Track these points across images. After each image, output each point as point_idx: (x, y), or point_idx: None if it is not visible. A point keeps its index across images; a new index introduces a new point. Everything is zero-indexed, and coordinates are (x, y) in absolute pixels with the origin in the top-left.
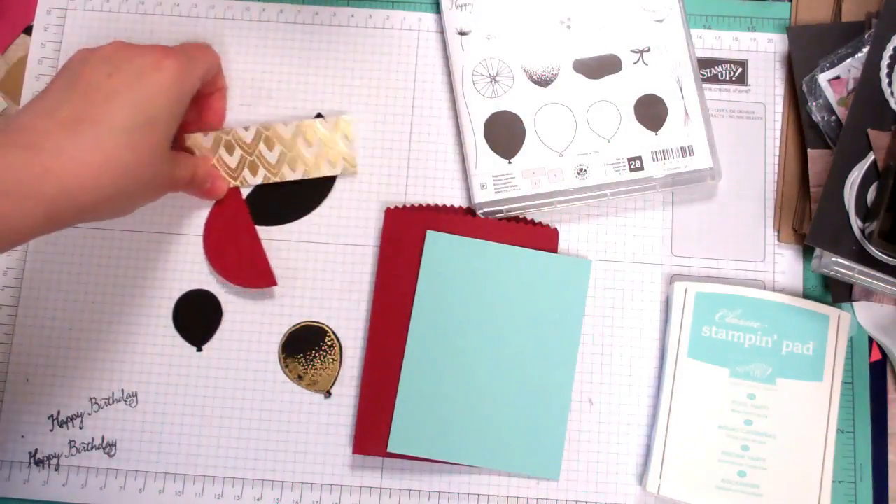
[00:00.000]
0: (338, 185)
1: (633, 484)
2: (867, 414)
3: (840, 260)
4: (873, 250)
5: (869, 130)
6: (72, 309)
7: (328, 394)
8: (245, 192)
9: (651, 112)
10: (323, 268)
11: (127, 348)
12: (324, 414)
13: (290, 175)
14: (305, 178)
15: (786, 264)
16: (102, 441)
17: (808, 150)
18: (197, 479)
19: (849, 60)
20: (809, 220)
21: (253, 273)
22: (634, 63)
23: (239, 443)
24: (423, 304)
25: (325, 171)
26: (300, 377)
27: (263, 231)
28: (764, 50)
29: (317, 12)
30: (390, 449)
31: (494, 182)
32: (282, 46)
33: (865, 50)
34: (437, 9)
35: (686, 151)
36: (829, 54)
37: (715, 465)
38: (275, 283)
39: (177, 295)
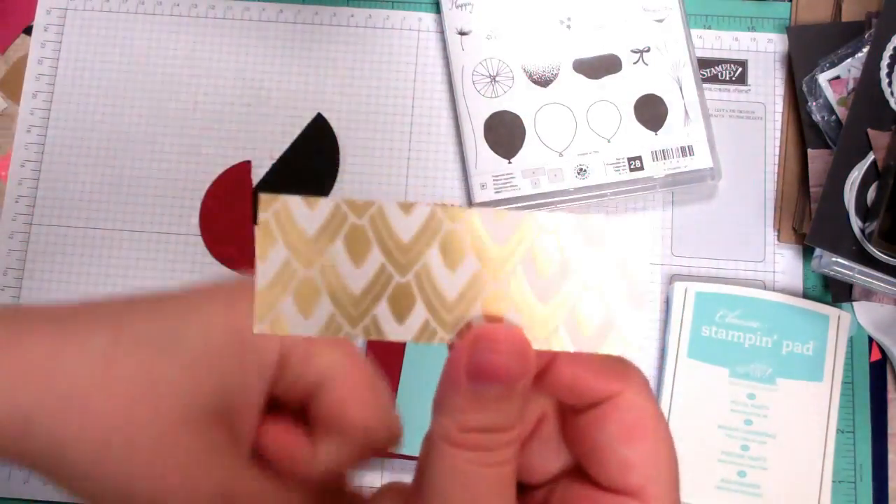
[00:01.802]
0: (337, 185)
1: None
2: (867, 414)
3: (840, 260)
4: (873, 250)
5: (869, 130)
6: None
7: None
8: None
9: (651, 112)
10: None
11: None
12: None
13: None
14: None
15: (786, 264)
16: None
17: (808, 150)
18: None
19: (849, 60)
20: (809, 220)
21: (237, 251)
22: (634, 63)
23: None
24: None
25: (558, 342)
26: None
27: None
28: (764, 50)
29: (317, 12)
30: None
31: (494, 182)
32: (282, 46)
33: (865, 50)
34: (437, 9)
35: (686, 151)
36: (829, 54)
37: (715, 465)
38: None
39: None
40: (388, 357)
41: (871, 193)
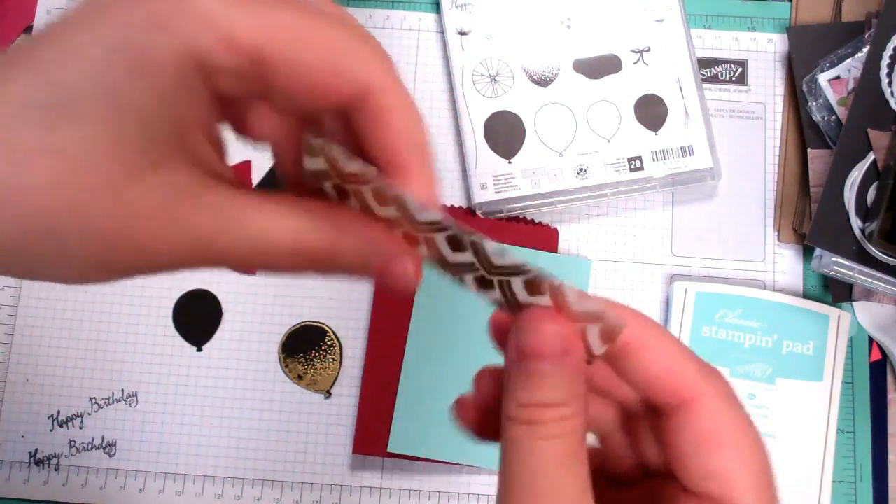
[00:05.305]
0: None
1: None
2: (867, 414)
3: (840, 260)
4: (873, 250)
5: (869, 130)
6: (72, 309)
7: (328, 394)
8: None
9: (651, 112)
10: None
11: (127, 348)
12: (324, 414)
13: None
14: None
15: (786, 264)
16: (102, 441)
17: (808, 150)
18: (197, 479)
19: (849, 60)
20: (809, 220)
21: None
22: (634, 63)
23: (239, 443)
24: (423, 304)
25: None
26: (300, 377)
27: None
28: (764, 50)
29: None
30: (390, 449)
31: (494, 182)
32: None
33: (865, 50)
34: (437, 9)
35: (686, 151)
36: (829, 54)
37: None
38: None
39: (177, 295)
40: (387, 361)
41: (871, 193)
